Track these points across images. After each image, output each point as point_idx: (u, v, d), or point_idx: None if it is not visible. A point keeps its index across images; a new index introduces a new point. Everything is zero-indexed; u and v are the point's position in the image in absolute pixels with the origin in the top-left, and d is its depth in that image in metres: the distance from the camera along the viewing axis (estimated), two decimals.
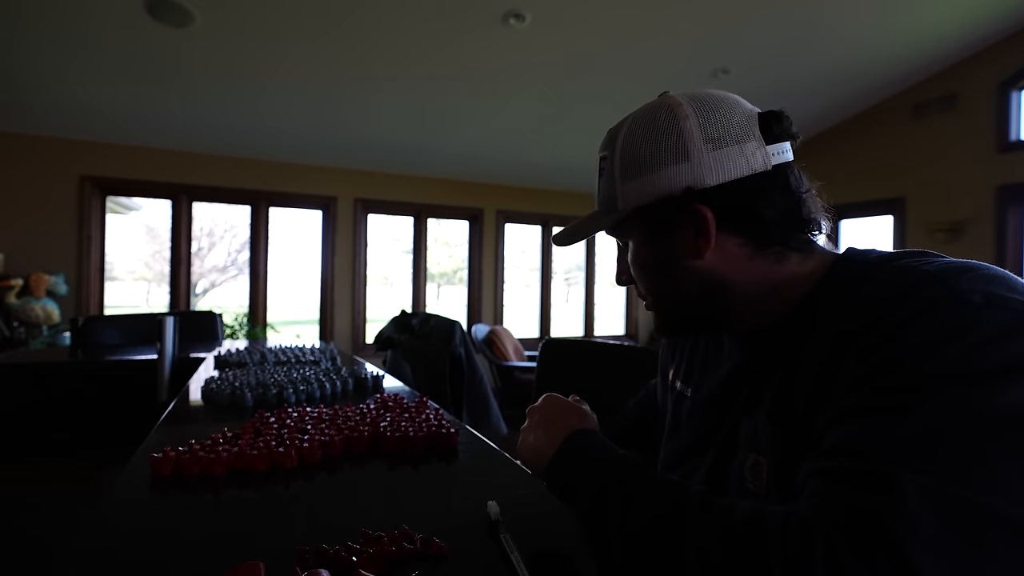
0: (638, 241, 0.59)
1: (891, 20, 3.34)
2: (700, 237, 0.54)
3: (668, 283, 0.58)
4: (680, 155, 0.53)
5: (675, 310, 0.60)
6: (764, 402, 0.54)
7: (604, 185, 0.59)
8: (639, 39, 3.23)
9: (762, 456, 0.53)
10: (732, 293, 0.56)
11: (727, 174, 0.53)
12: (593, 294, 5.79)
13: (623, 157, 0.56)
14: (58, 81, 3.18)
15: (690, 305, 0.58)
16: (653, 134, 0.55)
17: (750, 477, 0.54)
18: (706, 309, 0.58)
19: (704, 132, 0.53)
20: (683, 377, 0.73)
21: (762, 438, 0.53)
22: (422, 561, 0.47)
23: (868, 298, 0.47)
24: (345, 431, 0.79)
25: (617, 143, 0.57)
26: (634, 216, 0.57)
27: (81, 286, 3.87)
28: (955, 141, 3.94)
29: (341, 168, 4.62)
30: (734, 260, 0.55)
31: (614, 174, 0.57)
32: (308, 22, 2.86)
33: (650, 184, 0.55)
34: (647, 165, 0.55)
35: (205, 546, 0.50)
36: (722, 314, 0.58)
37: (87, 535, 0.51)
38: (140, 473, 0.67)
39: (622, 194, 0.57)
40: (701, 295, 0.57)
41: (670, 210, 0.54)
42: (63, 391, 1.71)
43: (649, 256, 0.58)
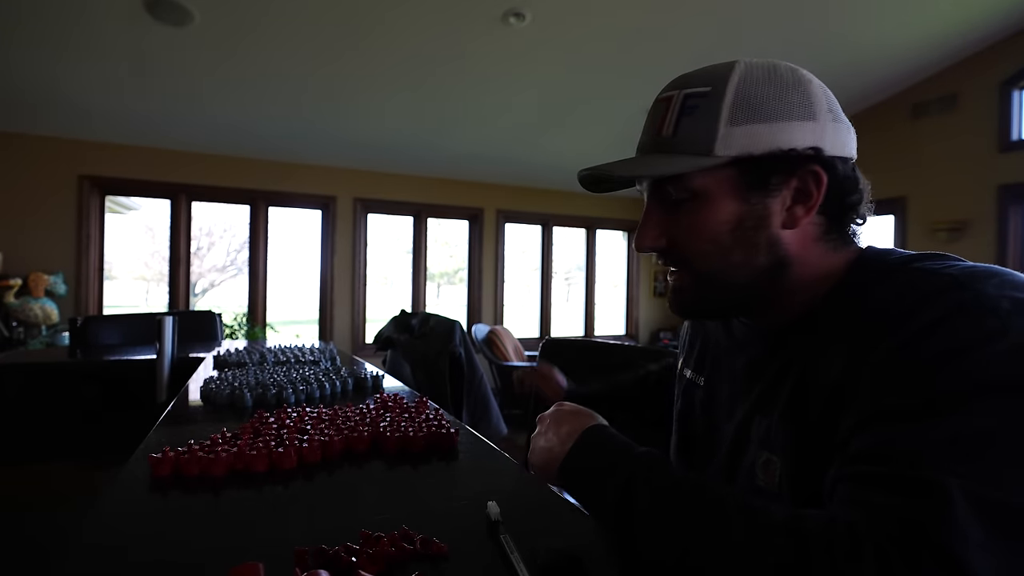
0: (722, 194, 0.52)
1: (891, 20, 3.34)
2: (800, 204, 0.51)
3: (740, 252, 0.52)
4: (807, 113, 0.50)
5: (728, 285, 0.54)
6: (779, 400, 0.53)
7: (692, 124, 0.52)
8: (640, 38, 3.23)
9: (775, 455, 0.51)
10: (790, 275, 0.53)
11: (839, 149, 0.52)
12: (593, 294, 5.79)
13: (739, 97, 0.50)
14: (57, 80, 3.18)
15: (748, 281, 0.53)
16: (779, 84, 0.51)
17: (761, 475, 0.53)
18: (755, 291, 0.54)
19: (826, 101, 0.52)
20: (694, 366, 0.71)
21: (776, 437, 0.52)
22: (422, 561, 0.47)
23: (893, 300, 0.46)
24: (345, 431, 0.79)
25: (729, 82, 0.51)
26: (730, 165, 0.51)
27: (80, 286, 3.87)
28: (955, 141, 3.94)
29: (340, 168, 4.62)
30: (805, 239, 0.53)
31: (718, 114, 0.50)
32: (308, 21, 2.86)
33: (770, 133, 0.50)
34: (771, 113, 0.50)
35: (204, 546, 0.50)
36: (767, 298, 0.55)
37: (86, 535, 0.51)
38: (139, 473, 0.67)
39: (726, 137, 0.50)
40: (764, 271, 0.53)
41: (785, 166, 0.50)
42: (62, 391, 1.70)
43: (733, 214, 0.52)
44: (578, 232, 5.79)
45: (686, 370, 0.74)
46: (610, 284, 5.99)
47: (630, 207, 5.82)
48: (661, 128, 0.53)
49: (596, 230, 5.78)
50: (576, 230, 5.76)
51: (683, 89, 0.53)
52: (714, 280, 0.54)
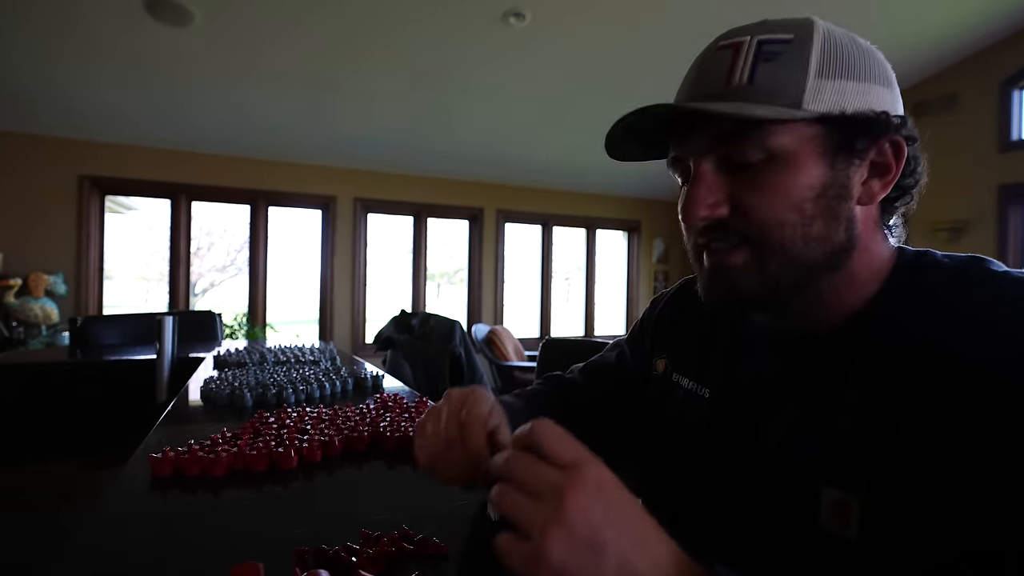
0: (808, 156, 0.45)
1: (891, 20, 3.34)
2: (876, 178, 0.47)
3: (822, 223, 0.45)
4: (887, 79, 0.47)
5: (800, 263, 0.46)
6: (843, 426, 0.45)
7: (774, 71, 0.44)
8: (639, 38, 3.23)
9: (851, 495, 0.43)
10: (853, 262, 0.47)
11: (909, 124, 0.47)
12: (593, 294, 5.79)
13: (827, 50, 0.45)
14: (57, 80, 3.18)
15: (822, 260, 0.46)
16: (859, 45, 0.46)
17: (830, 517, 0.44)
18: (827, 272, 0.47)
19: (891, 72, 0.48)
20: (693, 375, 0.61)
21: (851, 473, 0.43)
22: (422, 561, 0.47)
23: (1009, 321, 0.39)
24: (345, 431, 0.79)
25: (815, 31, 0.45)
26: (815, 123, 0.44)
27: (80, 286, 3.87)
28: (956, 141, 3.94)
29: (341, 167, 4.62)
30: (869, 220, 0.48)
31: (807, 62, 0.44)
32: (308, 22, 2.86)
33: (861, 93, 0.45)
34: (859, 71, 0.45)
35: (205, 546, 0.50)
36: (824, 287, 0.48)
37: (87, 535, 0.51)
38: (139, 473, 0.67)
39: (816, 90, 0.44)
40: (837, 252, 0.46)
41: (873, 129, 0.45)
42: (62, 391, 1.70)
43: (819, 178, 0.45)
44: (578, 232, 5.79)
45: (677, 376, 0.63)
46: (610, 284, 5.98)
47: (630, 207, 5.82)
48: (731, 76, 0.45)
49: (596, 230, 5.79)
50: (576, 230, 5.76)
51: (755, 35, 0.46)
52: (787, 255, 0.46)
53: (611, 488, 0.33)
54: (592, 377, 0.75)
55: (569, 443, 0.35)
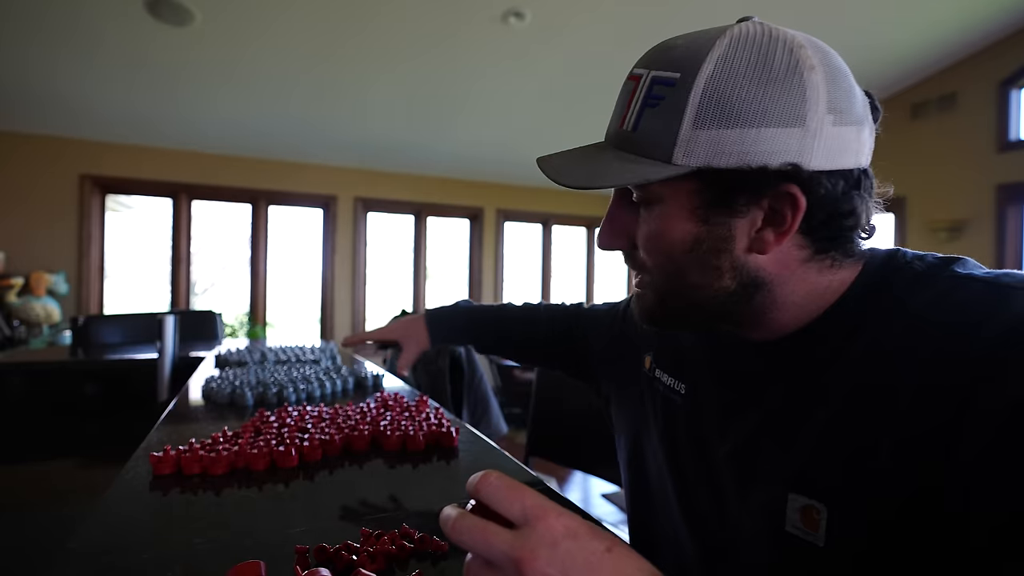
0: (678, 210, 0.44)
1: (890, 20, 3.34)
2: (770, 228, 0.43)
3: (698, 273, 0.45)
4: (795, 117, 0.40)
5: (686, 302, 0.47)
6: (807, 430, 0.44)
7: (653, 121, 0.43)
8: (639, 38, 3.21)
9: (818, 502, 0.42)
10: (768, 297, 0.46)
11: (836, 160, 0.42)
12: (593, 294, 5.79)
13: (709, 94, 0.40)
14: (57, 80, 3.18)
15: (713, 303, 0.46)
16: (766, 77, 0.40)
17: (797, 521, 0.44)
18: (727, 309, 0.47)
19: (829, 97, 0.41)
20: (671, 370, 0.61)
21: (819, 479, 0.43)
22: (422, 559, 0.47)
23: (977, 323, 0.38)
24: (345, 430, 0.79)
25: (700, 70, 0.41)
26: (692, 176, 0.42)
27: (81, 285, 3.87)
28: (955, 140, 3.93)
29: (341, 167, 4.62)
30: (786, 262, 0.45)
31: (682, 112, 0.41)
32: (308, 21, 2.86)
33: (740, 142, 0.40)
34: (745, 116, 0.40)
35: (205, 545, 0.50)
36: (741, 317, 0.48)
37: (87, 534, 0.51)
38: (140, 472, 0.68)
39: (689, 143, 0.41)
40: (731, 295, 0.46)
41: (754, 184, 0.41)
42: (64, 390, 1.71)
43: (689, 234, 0.44)
44: (578, 231, 5.79)
45: (659, 371, 0.63)
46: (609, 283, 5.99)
47: None
48: (624, 118, 0.45)
49: (596, 229, 5.77)
50: (576, 228, 5.77)
51: (652, 69, 0.44)
52: (673, 295, 0.48)
53: (565, 539, 0.31)
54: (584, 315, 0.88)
55: (515, 497, 0.33)
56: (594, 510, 2.53)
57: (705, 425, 0.55)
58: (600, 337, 0.82)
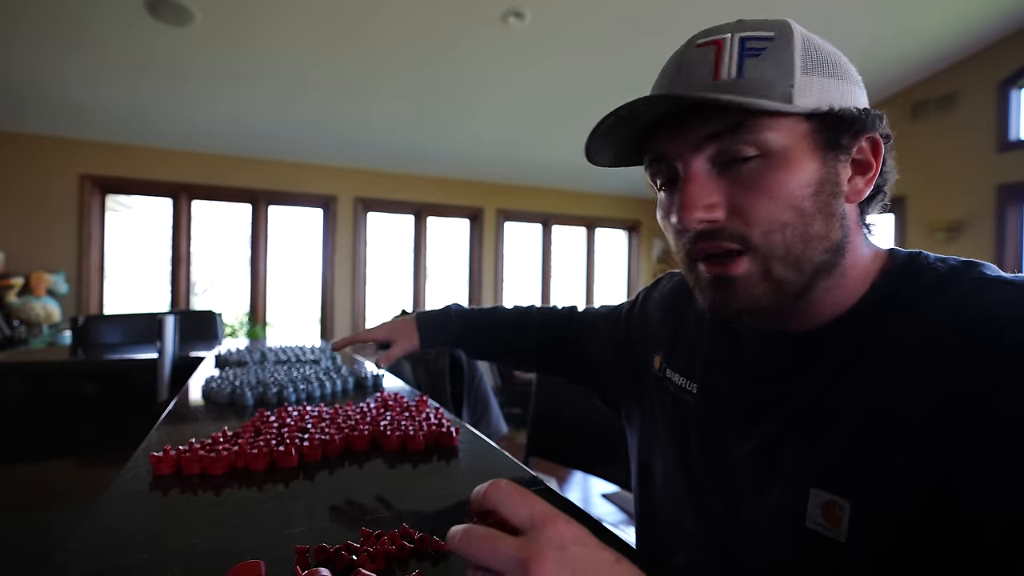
0: (801, 152, 0.44)
1: (890, 20, 3.34)
2: (860, 174, 0.47)
3: (822, 221, 0.45)
4: (856, 80, 0.47)
5: (803, 265, 0.45)
6: (833, 426, 0.45)
7: (762, 67, 0.43)
8: (639, 37, 3.23)
9: (841, 498, 0.43)
10: (844, 260, 0.47)
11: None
12: (593, 294, 5.79)
13: (807, 48, 0.45)
14: (58, 80, 3.18)
15: (823, 259, 0.45)
16: (830, 46, 0.47)
17: (818, 517, 0.44)
18: (826, 271, 0.46)
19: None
20: (683, 369, 0.61)
21: (842, 474, 0.43)
22: (422, 559, 0.47)
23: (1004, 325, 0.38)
24: (345, 430, 0.79)
25: (793, 30, 0.45)
26: (809, 119, 0.44)
27: (81, 285, 3.87)
28: (955, 140, 3.94)
29: (341, 167, 4.63)
30: (853, 218, 0.48)
31: (791, 59, 0.44)
32: (308, 21, 2.86)
33: (842, 90, 0.45)
34: (837, 70, 0.45)
35: (205, 545, 0.50)
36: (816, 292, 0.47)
37: (87, 534, 0.51)
38: (140, 472, 0.67)
39: (804, 86, 0.43)
40: (835, 250, 0.46)
41: (857, 127, 0.45)
42: (64, 390, 1.70)
43: (815, 174, 0.44)
44: (578, 231, 5.79)
45: (670, 371, 0.63)
46: (610, 284, 5.98)
47: (631, 206, 5.82)
48: (718, 71, 0.44)
49: (596, 229, 5.79)
50: (576, 228, 5.77)
51: (735, 32, 0.45)
52: (789, 258, 0.45)
53: (573, 544, 0.30)
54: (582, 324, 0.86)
55: (524, 502, 0.32)
56: (594, 510, 2.53)
57: (721, 424, 0.55)
58: (596, 342, 0.81)
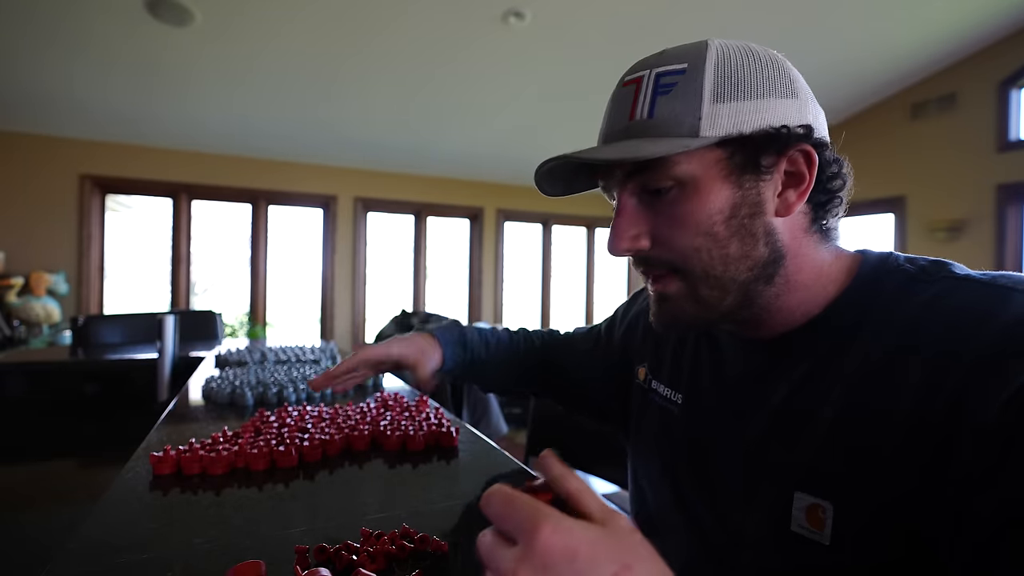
0: (713, 180, 0.46)
1: (890, 19, 3.34)
2: (792, 188, 0.47)
3: (738, 243, 0.47)
4: (789, 90, 0.46)
5: (727, 284, 0.47)
6: (811, 428, 0.45)
7: (671, 104, 0.45)
8: (639, 37, 3.22)
9: (824, 500, 0.43)
10: (786, 270, 0.48)
11: (822, 131, 0.48)
12: (593, 294, 5.79)
13: (719, 74, 0.45)
14: (58, 80, 3.18)
15: (748, 277, 0.47)
16: (756, 61, 0.46)
17: (802, 520, 0.45)
18: (757, 287, 0.48)
19: (801, 79, 0.48)
20: (668, 380, 0.62)
21: (823, 476, 0.44)
22: (422, 559, 0.47)
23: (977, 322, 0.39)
24: (345, 430, 0.79)
25: (706, 59, 0.46)
26: (716, 147, 0.45)
27: (81, 285, 3.87)
28: (955, 140, 3.94)
29: (341, 167, 4.62)
30: (796, 228, 0.48)
31: (700, 91, 0.45)
32: (308, 20, 2.86)
33: (757, 111, 0.45)
34: (754, 89, 0.45)
35: (205, 545, 0.50)
36: (760, 303, 0.49)
37: (87, 533, 0.51)
38: (140, 472, 0.68)
39: (712, 116, 0.44)
40: (763, 265, 0.47)
41: (777, 145, 0.45)
42: (64, 390, 1.70)
43: (726, 200, 0.46)
44: (578, 231, 5.79)
45: (655, 383, 0.64)
46: (609, 283, 5.98)
47: None
48: (633, 112, 0.47)
49: (596, 229, 5.79)
50: (576, 228, 5.77)
51: (653, 68, 0.47)
52: (710, 279, 0.47)
53: (563, 563, 0.25)
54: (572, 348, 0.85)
55: (508, 515, 0.28)
56: None
57: (706, 433, 0.56)
58: (578, 364, 0.81)
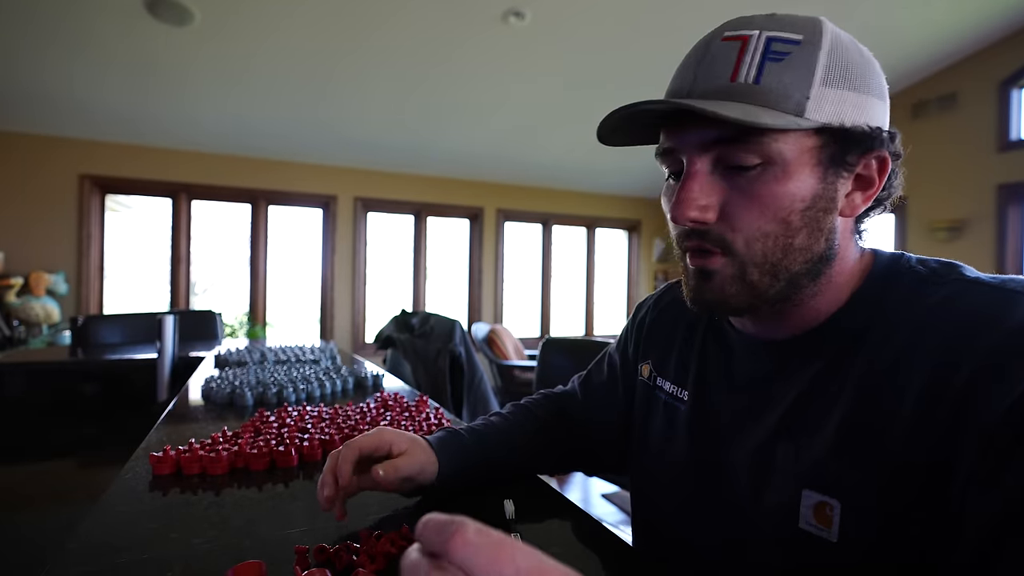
0: (802, 166, 0.44)
1: (890, 19, 3.34)
2: (859, 191, 0.47)
3: (806, 235, 0.45)
4: (881, 92, 0.46)
5: (778, 273, 0.46)
6: (819, 427, 0.45)
7: (782, 74, 0.42)
8: (639, 37, 3.23)
9: (832, 498, 0.43)
10: (831, 270, 0.48)
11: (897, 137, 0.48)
12: (593, 293, 5.79)
13: (834, 57, 0.43)
14: (58, 79, 3.18)
15: (800, 270, 0.46)
16: (862, 54, 0.45)
17: (810, 517, 0.45)
18: (803, 282, 0.47)
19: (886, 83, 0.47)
20: (673, 377, 0.62)
21: (831, 475, 0.44)
22: None
23: (985, 325, 0.39)
24: (345, 430, 0.79)
25: (824, 34, 0.43)
26: (819, 133, 0.44)
27: (81, 285, 3.87)
28: (955, 140, 3.94)
29: (341, 167, 4.62)
30: (846, 229, 0.48)
31: (813, 68, 0.42)
32: (308, 20, 2.86)
33: (859, 105, 0.44)
34: (861, 82, 0.44)
35: (205, 545, 0.50)
36: (797, 298, 0.48)
37: (87, 533, 0.51)
38: (140, 472, 0.67)
39: (820, 98, 0.42)
40: (816, 262, 0.46)
41: (865, 145, 0.45)
42: (63, 390, 1.70)
43: (810, 191, 0.44)
44: (578, 231, 5.79)
45: (661, 380, 0.64)
46: (610, 283, 5.98)
47: (631, 206, 5.82)
48: (736, 72, 0.43)
49: (596, 229, 5.79)
50: (576, 228, 5.77)
51: (764, 31, 0.44)
52: (766, 265, 0.46)
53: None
54: (588, 392, 0.75)
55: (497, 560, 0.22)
56: (594, 510, 2.53)
57: (713, 430, 0.55)
58: (599, 403, 0.73)
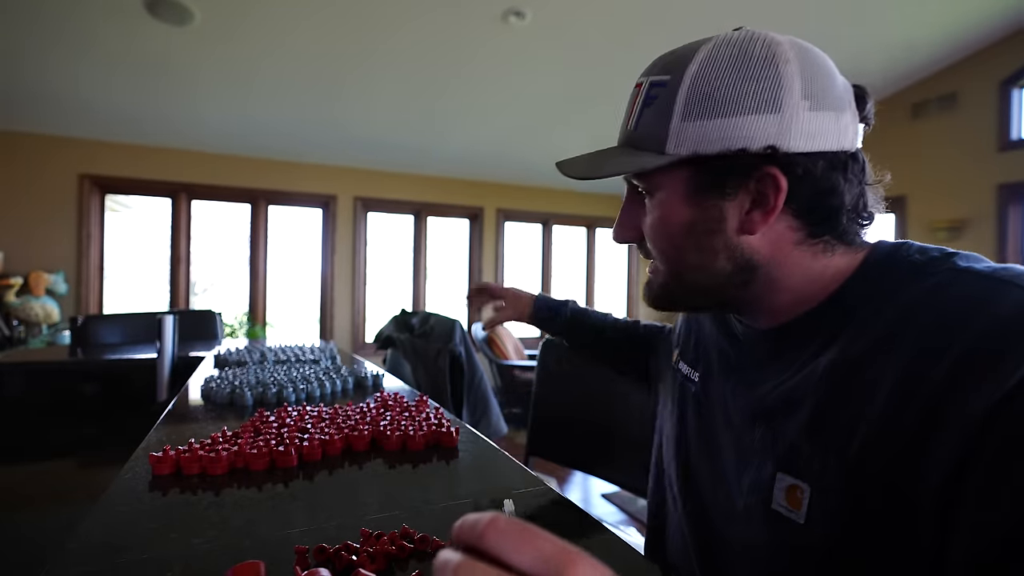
0: (675, 196, 0.49)
1: (890, 19, 3.34)
2: (758, 209, 0.47)
3: (696, 255, 0.49)
4: (771, 104, 0.44)
5: (688, 286, 0.52)
6: (794, 413, 0.47)
7: (650, 118, 0.48)
8: (639, 37, 3.23)
9: (802, 482, 0.45)
10: (764, 279, 0.49)
11: (815, 143, 0.45)
12: (593, 293, 5.79)
13: (693, 89, 0.46)
14: (57, 79, 3.18)
15: (710, 284, 0.50)
16: (743, 70, 0.45)
17: (782, 499, 0.46)
18: (727, 292, 0.51)
19: (804, 85, 0.45)
20: (690, 360, 0.66)
21: (804, 461, 0.45)
22: (422, 559, 0.47)
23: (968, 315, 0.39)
24: (345, 430, 0.79)
25: (687, 70, 0.46)
26: (684, 164, 0.47)
27: (80, 285, 3.87)
28: (955, 140, 3.94)
29: (341, 167, 4.62)
30: (779, 244, 0.48)
31: (672, 107, 0.46)
32: (308, 20, 2.86)
33: (723, 130, 0.45)
34: (726, 106, 0.45)
35: (204, 545, 0.50)
36: (742, 301, 0.52)
37: (86, 534, 0.51)
38: (139, 472, 0.67)
39: (678, 134, 0.46)
40: (728, 277, 0.49)
41: (738, 167, 0.46)
42: (63, 390, 1.70)
43: (685, 217, 0.49)
44: (578, 231, 5.79)
45: (682, 364, 0.68)
46: (610, 283, 5.98)
47: None
48: (629, 119, 0.51)
49: (596, 229, 5.79)
50: (576, 228, 5.77)
51: (650, 76, 0.50)
52: (680, 277, 0.52)
53: None
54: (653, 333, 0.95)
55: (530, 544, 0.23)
56: (594, 510, 2.53)
57: (712, 409, 0.59)
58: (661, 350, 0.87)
